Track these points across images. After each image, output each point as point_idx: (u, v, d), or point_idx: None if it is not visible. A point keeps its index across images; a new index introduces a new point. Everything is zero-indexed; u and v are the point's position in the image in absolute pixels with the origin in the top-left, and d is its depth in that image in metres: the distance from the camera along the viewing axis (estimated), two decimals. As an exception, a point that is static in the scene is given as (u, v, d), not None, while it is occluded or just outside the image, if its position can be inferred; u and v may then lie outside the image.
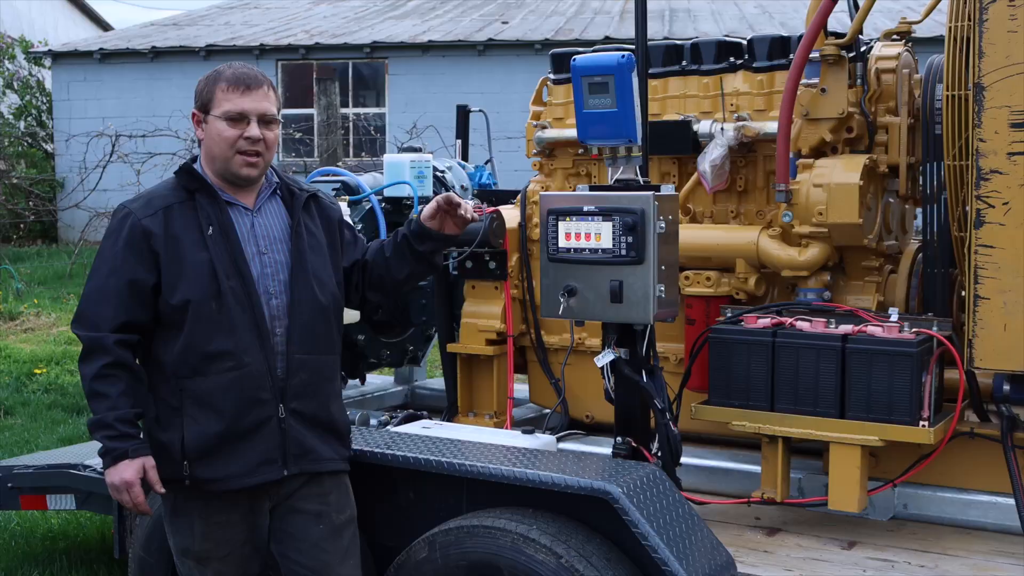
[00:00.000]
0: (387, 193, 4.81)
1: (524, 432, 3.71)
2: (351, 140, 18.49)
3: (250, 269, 2.94)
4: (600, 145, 3.47)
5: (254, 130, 2.93)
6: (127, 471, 2.86)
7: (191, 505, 2.98)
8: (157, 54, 19.14)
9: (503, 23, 19.44)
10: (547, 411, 4.58)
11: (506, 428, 4.30)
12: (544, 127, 4.47)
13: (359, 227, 4.63)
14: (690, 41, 4.26)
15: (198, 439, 2.91)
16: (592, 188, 3.57)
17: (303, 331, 2.99)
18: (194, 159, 3.07)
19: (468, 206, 3.16)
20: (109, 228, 2.99)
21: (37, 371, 9.16)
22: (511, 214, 4.46)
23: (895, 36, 4.06)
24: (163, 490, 2.92)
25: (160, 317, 2.93)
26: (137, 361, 2.98)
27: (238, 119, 2.92)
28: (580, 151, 4.41)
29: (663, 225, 3.31)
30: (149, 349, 2.98)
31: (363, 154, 18.10)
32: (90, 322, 2.92)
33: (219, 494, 2.95)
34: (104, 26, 29.01)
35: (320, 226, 3.11)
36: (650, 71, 4.06)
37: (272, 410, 2.94)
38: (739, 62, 4.13)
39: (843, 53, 3.81)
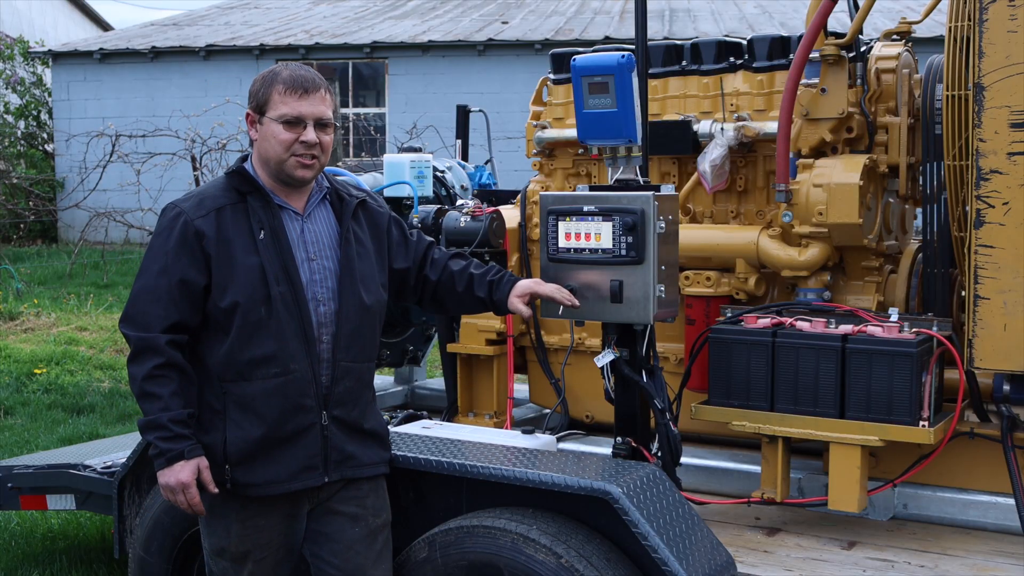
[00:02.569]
0: (387, 193, 4.81)
1: (524, 432, 3.71)
2: (351, 140, 18.50)
3: (300, 275, 2.93)
4: (600, 145, 3.47)
5: (311, 134, 2.90)
6: (183, 472, 2.84)
7: (229, 506, 2.95)
8: (157, 54, 19.16)
9: (503, 23, 19.44)
10: (547, 411, 4.58)
11: (506, 428, 4.30)
12: (544, 127, 4.47)
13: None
14: (690, 41, 4.26)
15: (240, 443, 2.89)
16: (592, 188, 3.56)
17: (349, 339, 2.98)
18: (244, 159, 3.04)
19: (569, 299, 3.26)
20: (159, 227, 2.95)
21: (37, 371, 9.16)
22: (511, 214, 4.46)
23: (895, 36, 4.06)
24: (216, 490, 2.90)
25: (207, 319, 2.91)
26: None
27: (295, 123, 2.89)
28: (580, 151, 4.41)
29: (663, 225, 3.31)
30: (194, 351, 2.95)
31: (363, 154, 18.10)
32: (140, 322, 2.88)
33: (259, 498, 2.94)
34: (104, 26, 29.03)
35: (368, 233, 3.10)
36: (650, 71, 4.06)
37: (315, 417, 2.94)
38: (739, 62, 4.13)
39: (843, 53, 3.81)
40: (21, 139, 20.07)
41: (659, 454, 3.48)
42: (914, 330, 3.46)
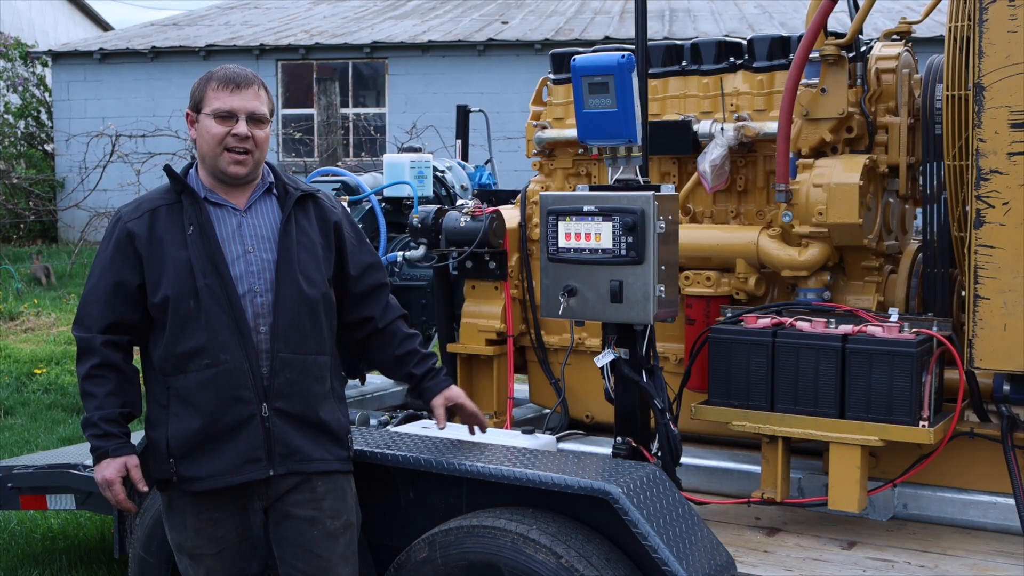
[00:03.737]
0: (387, 193, 4.81)
1: (524, 432, 3.71)
2: (351, 140, 18.49)
3: (228, 268, 2.95)
4: (600, 145, 3.48)
5: (242, 127, 2.95)
6: (107, 470, 2.94)
7: (183, 502, 3.01)
8: (157, 54, 19.15)
9: (503, 23, 19.44)
10: (547, 411, 4.58)
11: (506, 428, 4.30)
12: (544, 127, 4.47)
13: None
14: (690, 41, 4.26)
15: (181, 436, 2.93)
16: (592, 188, 3.56)
17: (288, 330, 2.98)
18: (193, 160, 3.12)
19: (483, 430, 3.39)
20: (105, 233, 3.06)
21: (37, 371, 9.16)
22: (511, 214, 4.46)
23: (895, 36, 4.06)
24: (145, 488, 2.98)
25: (150, 317, 2.98)
26: (132, 361, 3.03)
27: (227, 117, 2.96)
28: (580, 151, 4.41)
29: (663, 225, 3.31)
30: (144, 349, 3.03)
31: (363, 154, 18.10)
32: (83, 324, 3.00)
33: (206, 492, 2.97)
34: (104, 26, 29.03)
35: (316, 226, 3.11)
36: (650, 71, 4.06)
37: (254, 408, 2.94)
38: (739, 62, 4.13)
39: (843, 53, 3.81)
40: (21, 139, 20.06)
41: (659, 454, 3.48)
42: (914, 330, 3.46)
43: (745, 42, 4.14)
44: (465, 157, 5.68)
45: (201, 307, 2.91)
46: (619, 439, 3.52)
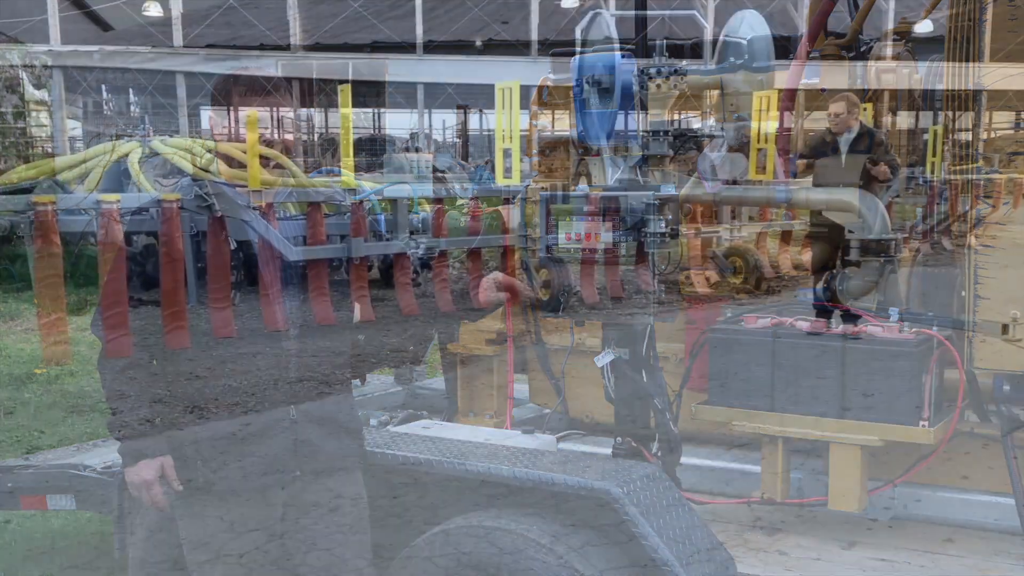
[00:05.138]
0: (387, 193, 4.81)
1: (524, 432, 3.71)
2: (350, 140, 18.47)
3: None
4: (600, 145, 3.48)
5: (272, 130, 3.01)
6: (146, 470, 2.93)
7: (203, 499, 3.01)
8: (157, 54, 19.15)
9: (503, 23, 19.43)
10: (547, 411, 4.58)
11: (506, 428, 4.29)
12: (544, 127, 4.47)
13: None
14: (690, 41, 4.26)
15: (211, 440, 2.96)
16: (592, 188, 3.56)
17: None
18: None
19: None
20: None
21: (37, 371, 9.15)
22: (511, 214, 4.45)
23: (895, 36, 4.06)
24: (181, 488, 2.97)
25: None
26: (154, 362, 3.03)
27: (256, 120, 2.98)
28: (580, 151, 4.41)
29: (663, 225, 3.31)
30: None
31: (363, 154, 18.09)
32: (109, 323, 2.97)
33: (233, 489, 2.99)
34: (104, 26, 29.01)
35: None
36: (650, 71, 4.05)
37: (284, 411, 2.99)
38: (739, 62, 4.13)
39: (843, 53, 3.81)
40: (20, 139, 20.05)
41: (659, 454, 3.47)
42: (914, 330, 3.46)
43: (745, 42, 4.14)
44: (465, 157, 5.67)
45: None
46: (619, 439, 3.52)
